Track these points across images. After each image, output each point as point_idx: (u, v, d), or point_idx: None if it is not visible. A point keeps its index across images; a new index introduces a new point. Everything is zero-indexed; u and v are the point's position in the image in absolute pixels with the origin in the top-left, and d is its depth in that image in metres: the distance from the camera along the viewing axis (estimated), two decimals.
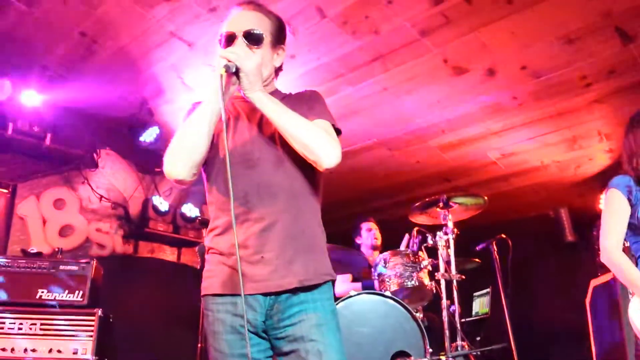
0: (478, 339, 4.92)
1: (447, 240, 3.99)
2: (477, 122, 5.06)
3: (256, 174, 1.92)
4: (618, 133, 5.09)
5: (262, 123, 2.00)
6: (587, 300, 4.66)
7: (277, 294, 1.87)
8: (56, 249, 4.48)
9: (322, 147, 1.88)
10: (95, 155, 5.50)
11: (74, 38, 4.12)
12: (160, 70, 4.48)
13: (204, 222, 4.45)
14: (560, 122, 4.96)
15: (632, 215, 2.72)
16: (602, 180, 5.77)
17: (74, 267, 4.07)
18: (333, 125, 2.01)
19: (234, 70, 1.83)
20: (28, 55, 4.34)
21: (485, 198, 4.09)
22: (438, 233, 4.03)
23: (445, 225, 4.05)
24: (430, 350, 3.55)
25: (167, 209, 5.82)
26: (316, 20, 3.81)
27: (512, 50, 4.07)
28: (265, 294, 1.87)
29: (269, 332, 1.89)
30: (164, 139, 5.19)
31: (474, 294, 5.67)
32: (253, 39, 1.99)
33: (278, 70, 2.16)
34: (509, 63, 4.22)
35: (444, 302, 3.86)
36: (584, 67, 4.21)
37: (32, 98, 4.63)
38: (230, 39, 2.00)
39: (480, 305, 5.57)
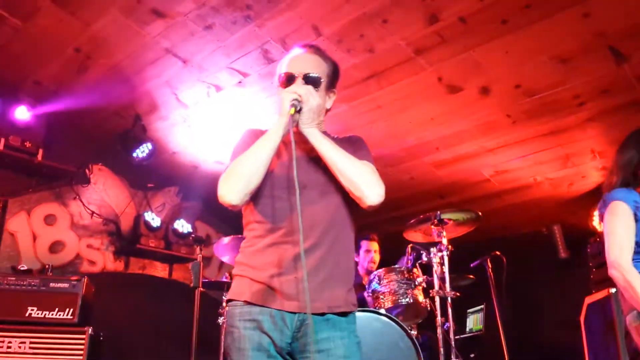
0: (472, 355, 4.90)
1: (442, 257, 3.98)
2: (471, 140, 5.06)
3: (300, 200, 1.95)
4: (611, 151, 5.09)
5: (309, 154, 2.10)
6: (582, 317, 4.65)
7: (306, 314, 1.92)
8: (46, 266, 4.44)
9: (369, 185, 2.01)
10: (87, 170, 5.47)
11: (68, 54, 4.12)
12: (155, 86, 4.47)
13: (198, 239, 4.41)
14: (553, 140, 4.97)
15: (636, 233, 2.57)
16: (595, 197, 5.79)
17: (65, 285, 4.03)
18: None
19: (299, 107, 2.00)
20: (21, 71, 4.33)
21: (479, 213, 4.09)
22: (432, 250, 4.02)
23: (440, 242, 4.04)
24: None
25: (159, 224, 5.78)
26: (312, 39, 3.82)
27: (506, 69, 4.09)
28: (293, 313, 1.92)
29: (295, 355, 1.94)
30: (157, 155, 5.17)
31: (468, 310, 5.64)
32: (311, 81, 2.11)
33: (327, 111, 2.26)
34: (503, 82, 4.24)
35: (439, 319, 3.85)
36: (578, 86, 4.23)
37: (24, 113, 4.61)
38: (289, 79, 2.13)
39: (475, 322, 5.55)
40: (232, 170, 2.02)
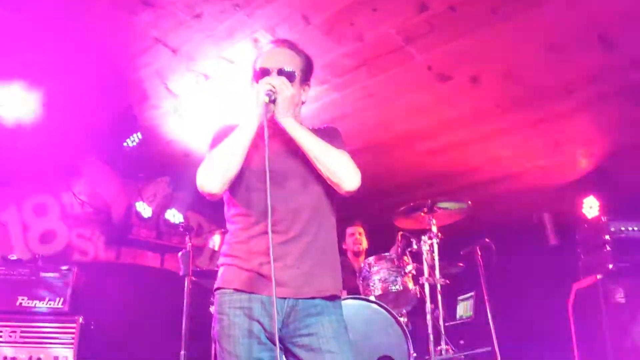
0: (462, 342, 4.94)
1: (432, 245, 4.01)
2: (460, 128, 5.08)
3: (283, 190, 2.06)
4: (599, 138, 5.16)
5: (288, 146, 2.16)
6: (570, 303, 4.71)
7: (295, 299, 1.99)
8: (37, 256, 4.44)
9: (345, 171, 2.09)
10: (77, 160, 5.45)
11: (57, 44, 4.08)
12: (145, 75, 4.46)
13: (187, 228, 4.42)
14: (542, 129, 4.99)
15: None
16: (584, 184, 5.83)
17: (55, 274, 4.04)
18: None
19: (273, 98, 2.06)
20: (10, 62, 4.29)
21: (469, 203, 4.11)
22: (422, 237, 4.04)
23: (430, 229, 4.07)
24: (414, 354, 3.57)
25: (150, 214, 5.78)
26: (301, 27, 3.81)
27: (496, 57, 4.10)
28: (283, 299, 1.97)
29: (285, 340, 2.00)
30: (147, 145, 5.16)
31: (458, 297, 5.68)
32: (285, 75, 2.17)
33: (302, 104, 2.32)
34: (492, 70, 4.25)
35: (428, 306, 3.88)
36: (566, 74, 4.24)
37: None
38: (264, 74, 2.19)
39: (464, 308, 5.59)
40: (210, 160, 2.09)
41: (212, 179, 2.05)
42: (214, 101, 4.75)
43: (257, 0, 3.60)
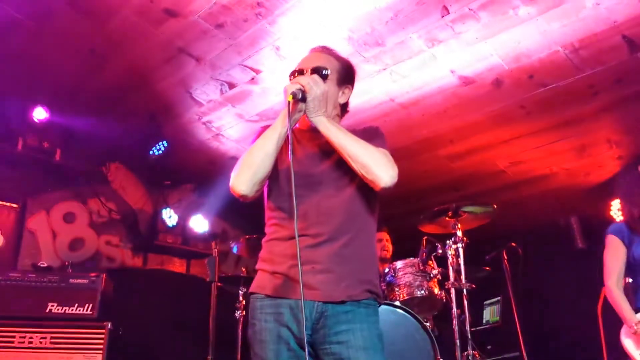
0: (489, 347, 4.89)
1: (457, 249, 3.97)
2: (484, 131, 5.04)
3: (317, 194, 2.05)
4: (627, 140, 5.08)
5: (323, 149, 2.15)
6: (599, 307, 4.63)
7: (324, 303, 1.96)
8: (66, 263, 4.51)
9: (380, 167, 2.02)
10: (104, 169, 5.55)
11: (83, 55, 4.17)
12: (169, 85, 4.52)
13: (214, 235, 4.47)
14: (568, 130, 4.94)
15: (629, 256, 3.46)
16: (612, 186, 5.74)
17: (84, 281, 4.08)
18: None
19: (300, 97, 2.02)
20: (38, 72, 4.39)
21: (495, 206, 4.07)
22: (447, 242, 4.01)
23: (455, 234, 4.04)
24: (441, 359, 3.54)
25: (176, 221, 5.84)
26: (323, 33, 3.82)
27: (519, 59, 4.07)
28: (312, 303, 1.96)
29: (315, 347, 1.98)
30: (172, 153, 5.22)
31: (485, 302, 5.63)
32: (317, 73, 2.14)
33: (344, 108, 2.30)
34: (516, 72, 4.22)
35: (454, 311, 3.84)
36: (591, 76, 4.19)
37: (42, 114, 4.67)
38: (300, 74, 2.18)
39: (491, 313, 5.53)
40: (241, 161, 2.09)
41: (241, 180, 2.04)
42: (238, 109, 4.79)
43: (280, 8, 3.63)
